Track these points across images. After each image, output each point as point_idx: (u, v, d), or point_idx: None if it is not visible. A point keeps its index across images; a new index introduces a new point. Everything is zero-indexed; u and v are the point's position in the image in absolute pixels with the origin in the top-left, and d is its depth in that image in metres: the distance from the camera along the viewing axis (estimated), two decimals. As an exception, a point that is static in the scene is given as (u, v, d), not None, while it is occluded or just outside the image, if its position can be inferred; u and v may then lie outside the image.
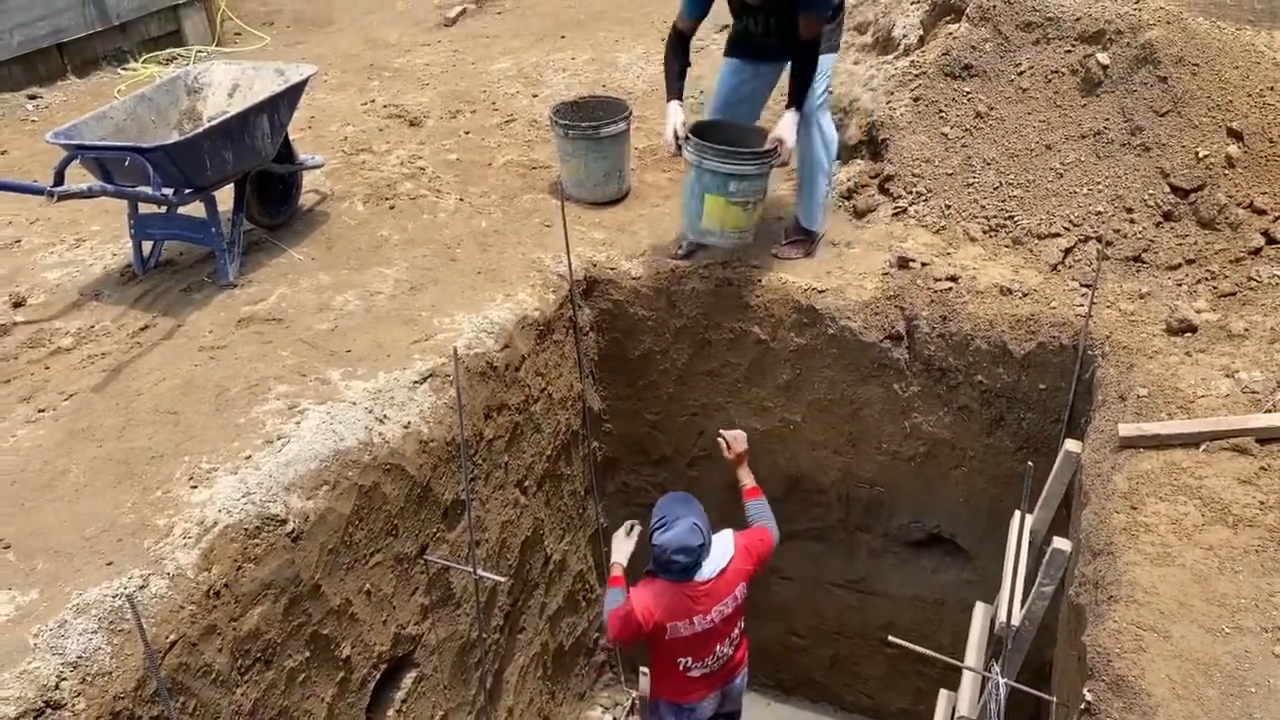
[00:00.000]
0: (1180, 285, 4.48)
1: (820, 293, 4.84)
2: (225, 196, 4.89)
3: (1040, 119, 4.97)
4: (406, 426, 4.00)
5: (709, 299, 5.05)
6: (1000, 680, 3.65)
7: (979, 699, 4.07)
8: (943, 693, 4.65)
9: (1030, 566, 4.01)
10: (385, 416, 3.96)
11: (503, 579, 4.56)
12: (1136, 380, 4.03)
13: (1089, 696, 3.01)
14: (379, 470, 3.85)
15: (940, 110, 5.20)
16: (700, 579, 4.19)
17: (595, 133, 5.48)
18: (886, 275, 4.81)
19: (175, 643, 3.06)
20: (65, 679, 2.79)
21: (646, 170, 5.99)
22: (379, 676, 4.06)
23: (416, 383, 4.15)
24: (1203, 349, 4.13)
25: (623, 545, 4.57)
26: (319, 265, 4.97)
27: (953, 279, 4.69)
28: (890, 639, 3.68)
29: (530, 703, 5.30)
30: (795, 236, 5.08)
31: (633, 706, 6.02)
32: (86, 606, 2.95)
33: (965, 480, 4.98)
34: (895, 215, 5.14)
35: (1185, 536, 3.34)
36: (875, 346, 4.77)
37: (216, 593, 3.21)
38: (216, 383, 4.04)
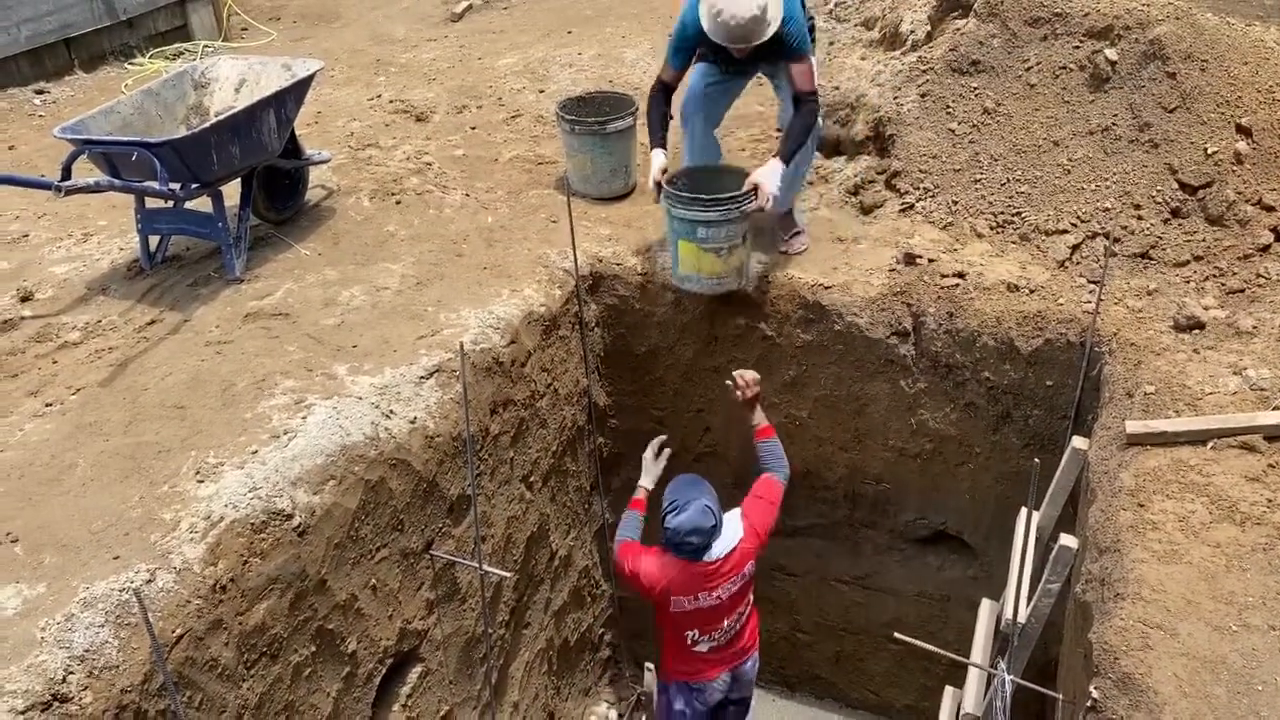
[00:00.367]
0: (1188, 282, 4.46)
1: (827, 289, 4.83)
2: (232, 191, 4.90)
3: (1048, 115, 4.95)
4: (413, 422, 4.00)
5: (715, 295, 5.03)
6: (1006, 677, 3.65)
7: (984, 696, 4.07)
8: (948, 690, 4.64)
9: (1037, 563, 4.00)
10: (391, 412, 3.96)
11: (508, 574, 4.57)
12: (1144, 377, 4.02)
13: (1095, 694, 3.00)
14: (385, 465, 3.86)
15: (948, 106, 5.18)
16: (710, 559, 4.28)
17: (601, 128, 5.48)
18: (893, 271, 4.80)
19: (182, 637, 3.07)
20: (72, 672, 2.80)
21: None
22: (384, 671, 4.06)
23: (423, 378, 4.15)
24: (1211, 346, 4.12)
25: (650, 469, 4.69)
26: (325, 260, 4.97)
27: (960, 275, 4.67)
28: (896, 635, 3.67)
29: (535, 698, 5.31)
30: (794, 229, 5.06)
31: (638, 702, 6.02)
32: (93, 600, 2.96)
33: (972, 477, 4.97)
34: (902, 211, 5.13)
35: (1192, 534, 3.33)
36: (882, 343, 4.76)
37: (223, 587, 3.22)
38: (223, 378, 4.04)
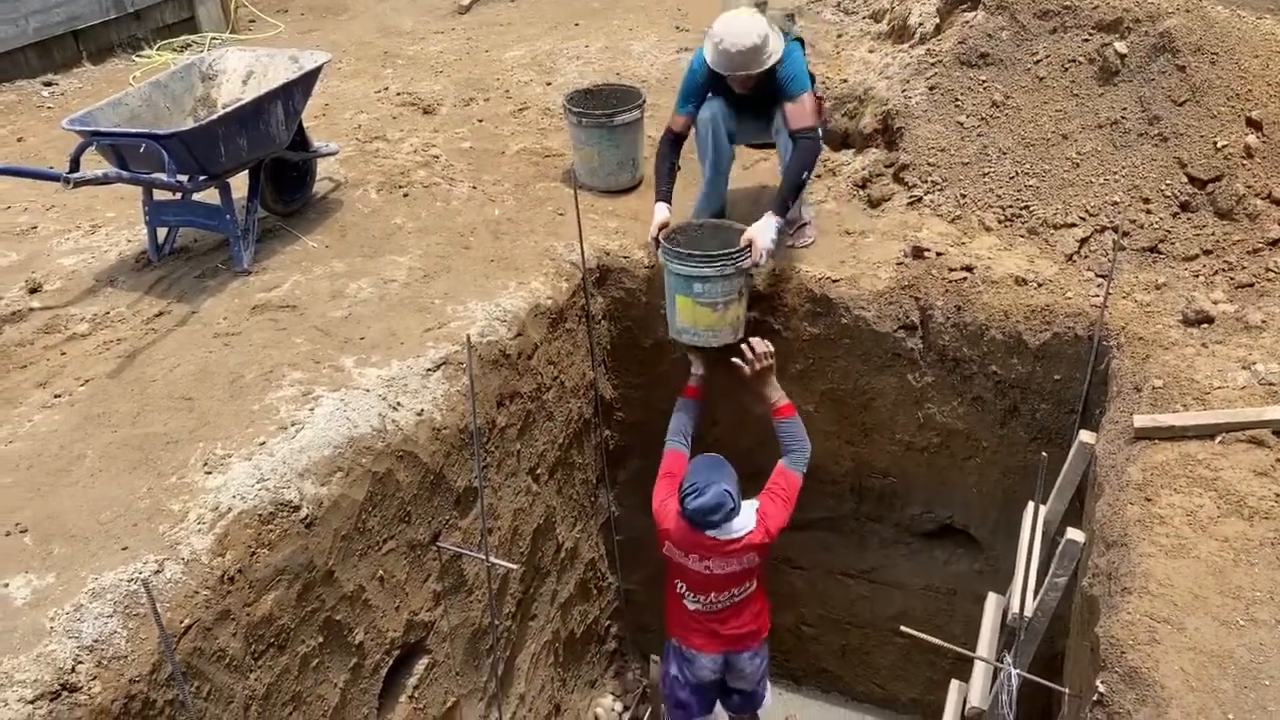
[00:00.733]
0: (1197, 276, 4.45)
1: (834, 282, 4.82)
2: (240, 184, 4.90)
3: (1057, 108, 4.93)
4: (420, 414, 4.01)
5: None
6: (1012, 671, 3.65)
7: (990, 690, 4.07)
8: (954, 683, 4.64)
9: (1043, 557, 4.00)
10: (399, 404, 3.97)
11: (515, 566, 4.58)
12: (1152, 371, 4.01)
13: (1101, 688, 3.00)
14: (392, 457, 3.86)
15: (956, 99, 5.16)
16: (715, 535, 4.38)
17: (609, 121, 5.47)
18: (901, 265, 4.79)
19: (190, 627, 3.08)
20: (81, 662, 2.81)
21: (660, 159, 5.97)
22: (391, 663, 4.07)
23: (430, 370, 4.15)
24: (1219, 340, 4.10)
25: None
26: (333, 253, 4.97)
27: (968, 269, 4.66)
28: (902, 629, 3.67)
29: (542, 690, 5.32)
30: (801, 222, 5.03)
31: (644, 695, 6.03)
32: (102, 591, 2.97)
33: (979, 471, 4.96)
34: (910, 204, 5.11)
35: (1200, 528, 3.32)
36: (889, 336, 4.75)
37: (231, 578, 3.22)
38: (231, 369, 4.05)
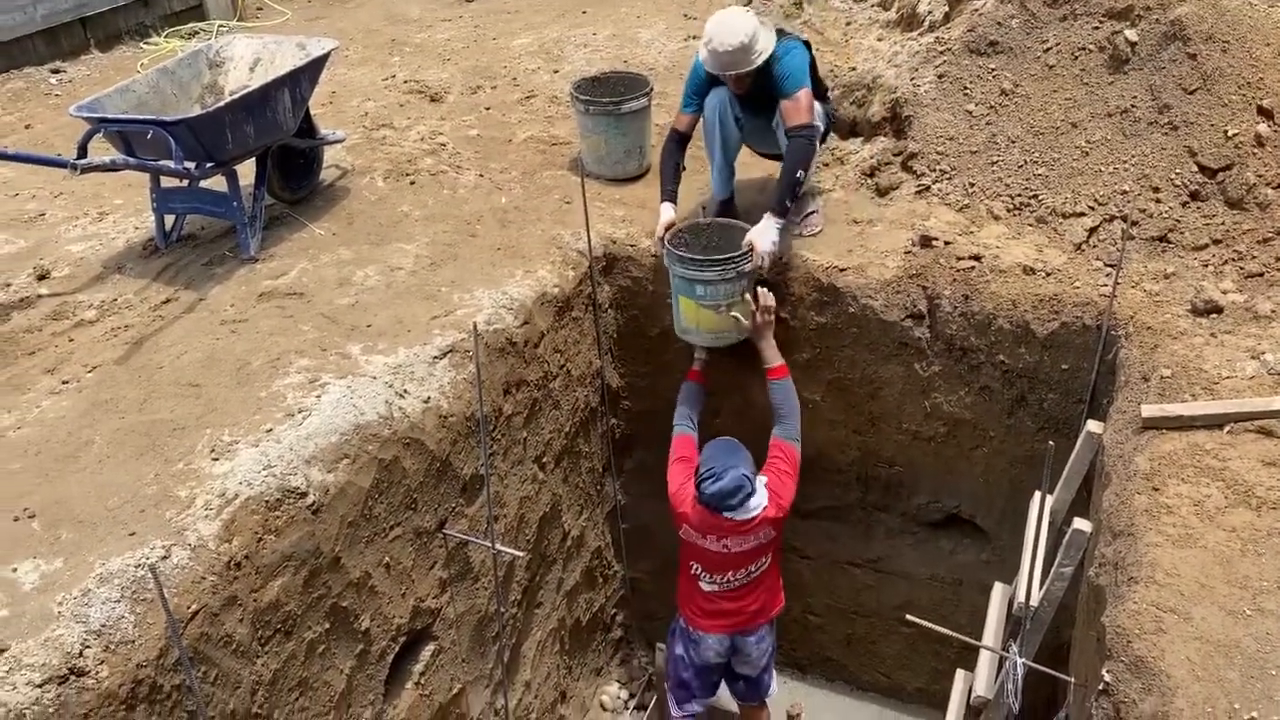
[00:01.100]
0: (1206, 266, 4.42)
1: (841, 271, 4.80)
2: (247, 171, 4.91)
3: (1066, 96, 4.90)
4: (426, 401, 4.01)
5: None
6: (1018, 660, 3.65)
7: (996, 679, 4.07)
8: (960, 673, 4.64)
9: (1050, 547, 3.99)
10: (405, 391, 3.97)
11: (521, 554, 4.59)
12: (1160, 361, 3.99)
13: (1108, 677, 2.99)
14: (399, 444, 3.87)
15: (965, 87, 5.13)
16: (731, 516, 4.40)
17: (616, 109, 5.45)
18: (909, 254, 4.77)
19: (197, 613, 3.09)
20: (89, 647, 2.82)
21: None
22: (398, 649, 4.09)
23: (436, 358, 4.16)
24: (1228, 330, 4.08)
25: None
26: (340, 240, 4.98)
27: (976, 258, 4.64)
28: (908, 618, 3.67)
29: (547, 677, 5.34)
30: (808, 210, 5.01)
31: (649, 682, 6.05)
32: (110, 576, 2.98)
33: (985, 460, 4.95)
34: (918, 193, 5.09)
35: (1207, 518, 3.31)
36: (896, 325, 4.74)
37: (237, 564, 3.24)
38: (238, 356, 4.06)
